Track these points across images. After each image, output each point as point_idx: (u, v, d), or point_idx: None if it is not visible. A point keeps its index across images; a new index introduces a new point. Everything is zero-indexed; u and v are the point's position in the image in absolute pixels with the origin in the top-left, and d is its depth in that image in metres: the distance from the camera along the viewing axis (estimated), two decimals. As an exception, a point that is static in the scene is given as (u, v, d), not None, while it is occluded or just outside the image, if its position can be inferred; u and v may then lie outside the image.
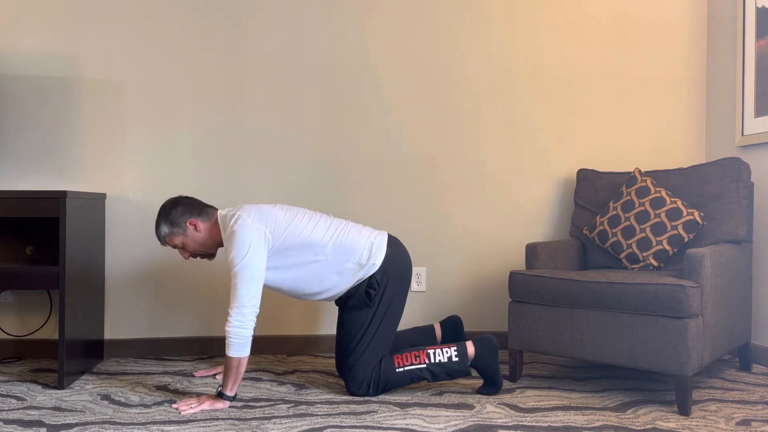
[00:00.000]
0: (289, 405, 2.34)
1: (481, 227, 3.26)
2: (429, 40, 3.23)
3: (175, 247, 2.50)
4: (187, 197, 2.51)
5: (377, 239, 2.49)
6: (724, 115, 3.24)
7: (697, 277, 2.30)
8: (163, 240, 2.49)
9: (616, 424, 2.15)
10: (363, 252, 2.44)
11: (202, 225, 2.47)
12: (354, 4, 3.18)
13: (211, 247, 2.52)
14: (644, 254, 2.76)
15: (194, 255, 2.53)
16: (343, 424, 2.13)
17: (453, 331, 2.78)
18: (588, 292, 2.42)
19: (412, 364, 2.43)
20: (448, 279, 3.26)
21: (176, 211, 2.45)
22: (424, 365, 2.44)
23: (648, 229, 2.77)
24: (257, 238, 2.32)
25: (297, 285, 2.45)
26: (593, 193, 3.09)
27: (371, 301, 2.44)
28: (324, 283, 2.44)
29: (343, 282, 2.45)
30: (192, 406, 2.27)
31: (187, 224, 2.45)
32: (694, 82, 3.36)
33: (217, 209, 2.52)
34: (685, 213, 2.72)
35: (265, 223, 2.36)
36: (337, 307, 2.83)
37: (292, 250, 2.39)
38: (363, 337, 2.42)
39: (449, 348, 2.46)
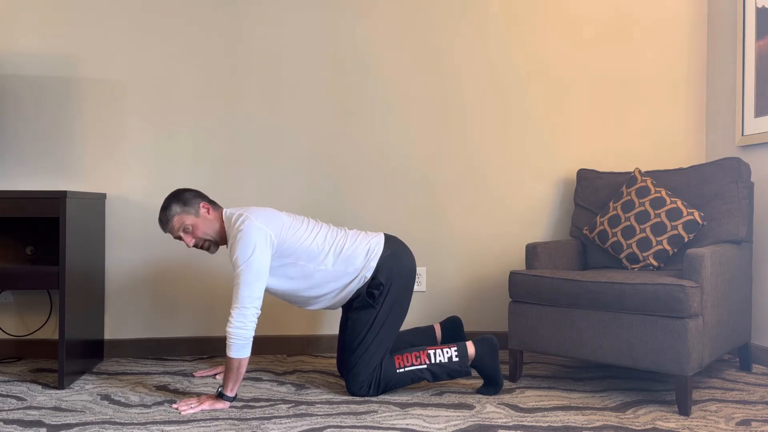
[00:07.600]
0: (289, 405, 2.34)
1: (481, 227, 3.26)
2: (430, 40, 3.23)
3: (181, 231, 2.43)
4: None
5: (372, 245, 2.48)
6: (724, 115, 3.24)
7: (697, 277, 2.30)
8: (169, 221, 2.42)
9: (616, 424, 2.15)
10: (360, 260, 2.44)
11: (213, 212, 2.47)
12: (354, 4, 3.18)
13: (219, 236, 2.48)
14: (644, 254, 2.76)
15: (197, 244, 2.47)
16: (343, 424, 2.13)
17: (453, 331, 2.78)
18: (588, 292, 2.42)
19: (412, 365, 2.43)
20: (448, 279, 3.26)
21: (189, 193, 2.46)
22: (425, 366, 2.43)
23: (648, 229, 2.77)
24: (263, 240, 2.31)
25: (297, 289, 2.45)
26: (593, 193, 3.09)
27: (375, 301, 2.44)
28: (322, 288, 2.45)
29: (342, 290, 2.46)
30: (192, 406, 2.27)
31: (200, 206, 2.44)
32: (694, 82, 3.36)
33: (222, 207, 2.52)
34: (685, 213, 2.72)
35: (271, 225, 2.36)
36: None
37: (293, 257, 2.40)
38: (366, 337, 2.42)
39: (449, 348, 2.46)
